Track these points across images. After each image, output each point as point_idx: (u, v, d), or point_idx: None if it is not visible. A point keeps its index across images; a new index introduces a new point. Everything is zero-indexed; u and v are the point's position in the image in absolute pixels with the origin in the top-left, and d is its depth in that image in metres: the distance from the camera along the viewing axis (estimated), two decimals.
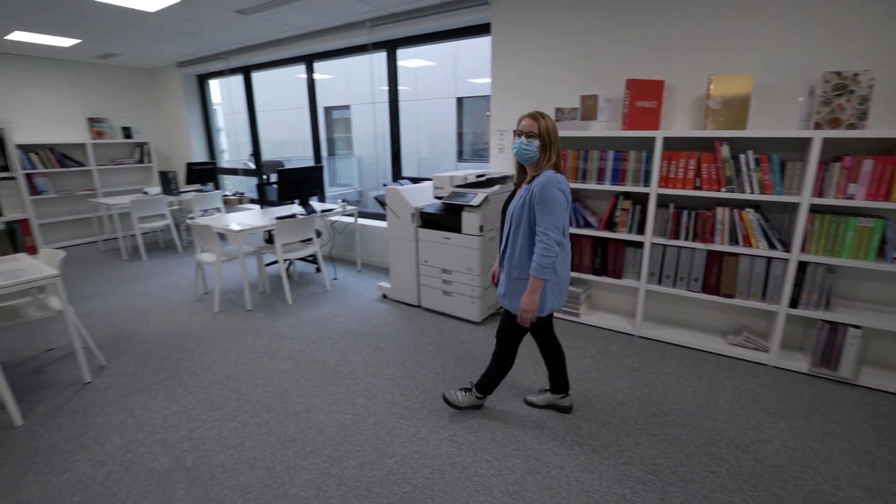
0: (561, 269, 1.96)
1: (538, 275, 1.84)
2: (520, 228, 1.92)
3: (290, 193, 4.13)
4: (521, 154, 1.91)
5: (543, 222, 1.82)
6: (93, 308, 3.85)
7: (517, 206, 1.93)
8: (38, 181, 5.71)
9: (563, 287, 2.01)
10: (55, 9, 3.73)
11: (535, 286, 1.86)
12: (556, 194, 1.80)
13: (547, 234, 1.81)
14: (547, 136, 1.86)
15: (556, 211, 1.80)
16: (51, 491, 1.87)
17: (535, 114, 1.89)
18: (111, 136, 6.38)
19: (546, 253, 1.81)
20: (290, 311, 3.71)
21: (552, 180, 1.81)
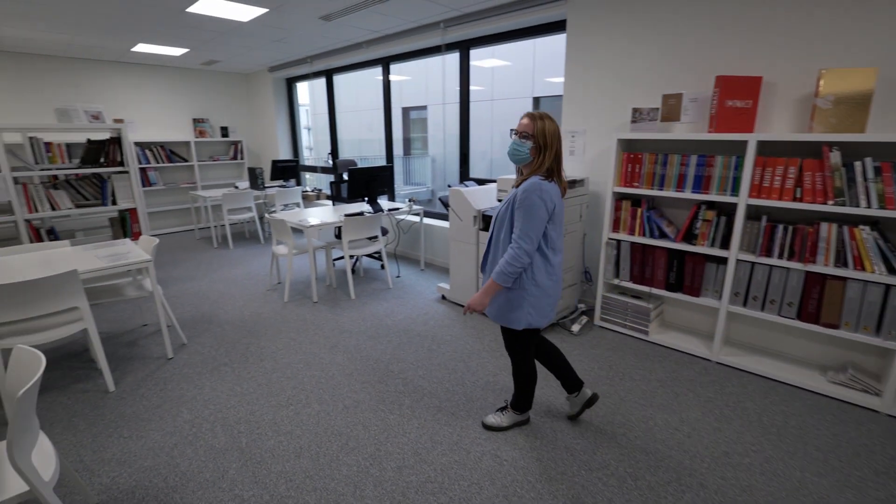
0: (544, 281, 1.85)
1: (497, 279, 1.79)
2: (501, 233, 1.86)
3: (360, 192, 4.27)
4: (512, 154, 1.85)
5: (517, 229, 1.76)
6: (182, 290, 4.27)
7: (501, 211, 1.87)
8: (151, 174, 6.48)
9: (546, 302, 1.89)
10: (170, 23, 4.19)
11: (489, 289, 1.83)
12: (534, 202, 1.71)
13: (517, 241, 1.75)
14: (542, 139, 1.77)
15: (531, 220, 1.72)
16: (127, 454, 2.08)
17: (535, 114, 1.80)
18: (211, 135, 7.06)
19: (511, 261, 1.75)
20: (352, 305, 3.84)
21: (534, 187, 1.73)
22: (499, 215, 1.89)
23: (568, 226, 3.33)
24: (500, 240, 1.87)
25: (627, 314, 3.23)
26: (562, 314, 3.46)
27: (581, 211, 3.45)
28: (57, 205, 3.70)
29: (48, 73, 5.66)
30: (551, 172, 1.79)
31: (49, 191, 3.65)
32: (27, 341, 2.38)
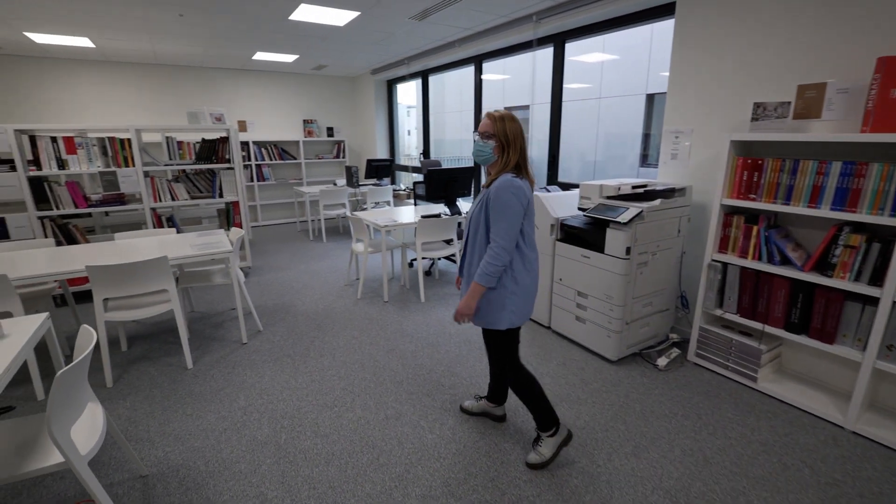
0: (524, 278, 1.84)
1: (480, 281, 1.77)
2: (477, 235, 1.84)
3: (438, 193, 4.19)
4: (476, 155, 1.87)
5: (494, 229, 1.74)
6: (272, 278, 4.60)
7: (475, 212, 1.86)
8: (265, 170, 7.18)
9: (526, 300, 1.87)
10: (278, 31, 4.53)
11: (475, 292, 1.80)
12: (508, 199, 1.71)
13: (496, 240, 1.73)
14: (504, 137, 1.77)
15: (507, 217, 1.72)
16: (184, 432, 2.22)
17: (494, 114, 1.81)
18: (318, 135, 7.61)
19: (492, 261, 1.73)
20: (420, 308, 3.77)
21: (506, 185, 1.72)
22: (472, 217, 1.87)
23: (661, 241, 2.85)
24: (476, 243, 1.85)
25: (731, 353, 2.66)
26: (646, 343, 2.99)
27: (679, 225, 2.94)
28: (176, 196, 4.21)
29: (185, 81, 6.55)
30: (519, 169, 1.79)
31: (171, 183, 4.18)
32: (125, 316, 2.70)
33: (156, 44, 5.03)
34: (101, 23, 4.12)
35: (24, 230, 3.62)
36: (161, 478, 1.94)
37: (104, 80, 6.05)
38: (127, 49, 5.27)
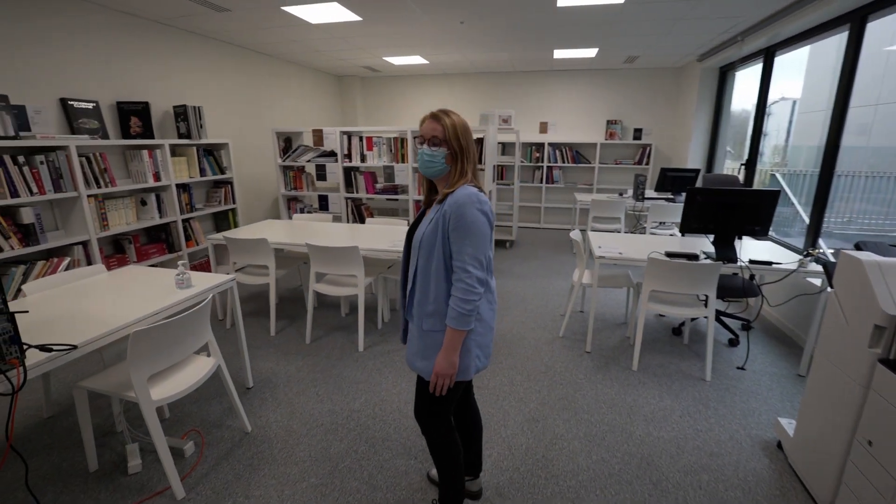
0: (487, 311, 1.46)
1: (458, 326, 1.34)
2: (431, 262, 1.39)
3: (701, 223, 2.85)
4: (424, 167, 1.43)
5: (461, 255, 1.34)
6: (500, 286, 4.41)
7: (426, 233, 1.40)
8: (555, 173, 6.99)
9: (490, 338, 1.51)
10: (551, 23, 4.14)
11: (454, 341, 1.36)
12: (475, 217, 1.32)
13: (465, 269, 1.33)
14: (456, 142, 1.39)
15: (476, 239, 1.33)
16: (306, 412, 2.40)
17: (437, 112, 1.44)
18: (620, 137, 6.73)
19: (467, 296, 1.33)
20: (626, 382, 2.72)
21: (471, 199, 1.33)
22: (423, 240, 1.41)
23: None
24: (429, 272, 1.41)
25: None
26: None
27: None
28: None
29: (497, 86, 7.05)
30: (474, 178, 1.42)
31: None
32: (325, 289, 3.15)
33: (466, 54, 5.59)
34: (417, 42, 4.89)
35: (336, 206, 4.85)
36: (255, 441, 2.15)
37: (434, 90, 7.32)
38: (448, 62, 6.13)
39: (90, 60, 3.48)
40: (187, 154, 4.15)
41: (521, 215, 7.37)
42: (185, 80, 4.36)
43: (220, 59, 4.80)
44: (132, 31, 3.79)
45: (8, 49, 2.97)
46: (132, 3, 3.49)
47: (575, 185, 7.02)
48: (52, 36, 3.21)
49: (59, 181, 3.07)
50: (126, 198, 3.62)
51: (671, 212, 4.95)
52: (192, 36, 4.41)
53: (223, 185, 4.63)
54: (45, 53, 3.18)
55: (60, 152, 3.06)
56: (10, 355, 1.45)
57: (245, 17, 3.89)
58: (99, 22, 3.52)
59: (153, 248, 3.86)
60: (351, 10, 3.71)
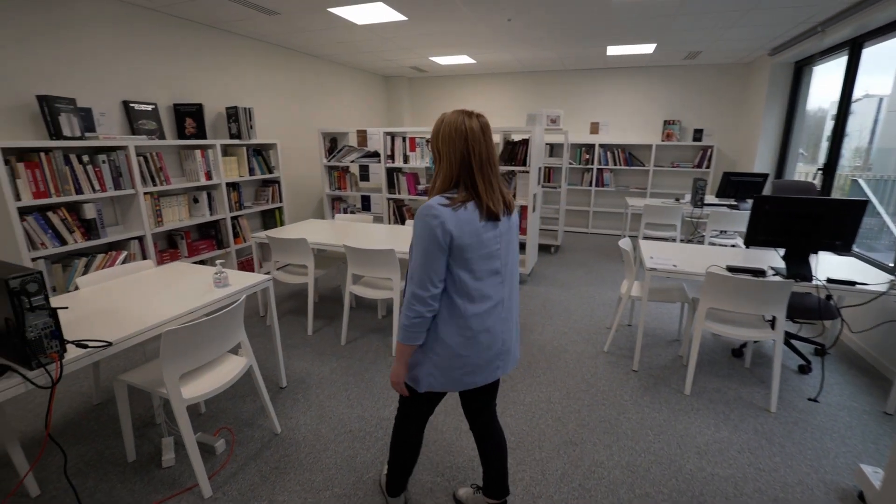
0: (452, 337, 1.36)
1: (400, 338, 1.36)
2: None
3: (769, 236, 2.55)
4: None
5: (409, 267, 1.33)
6: (541, 292, 4.22)
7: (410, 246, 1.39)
8: (606, 175, 6.66)
9: (458, 364, 1.38)
10: (608, 17, 3.90)
11: (400, 353, 1.39)
12: (419, 230, 1.29)
13: (408, 283, 1.33)
14: (436, 146, 1.35)
15: (418, 253, 1.29)
16: (342, 415, 2.37)
17: (444, 113, 1.37)
18: (679, 139, 6.30)
19: (406, 311, 1.33)
20: (676, 406, 2.48)
21: (423, 210, 1.28)
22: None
23: None
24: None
25: None
26: None
27: None
28: None
29: (547, 86, 6.80)
30: (467, 188, 1.31)
31: None
32: (366, 293, 3.12)
33: (515, 52, 5.43)
34: (464, 41, 4.80)
35: (378, 207, 4.85)
36: (284, 443, 2.14)
37: (481, 90, 7.17)
38: (495, 61, 5.98)
39: (150, 64, 3.66)
40: (237, 154, 4.29)
41: (568, 219, 7.10)
42: (236, 82, 4.51)
43: (270, 61, 4.93)
44: (189, 36, 3.96)
45: (77, 55, 3.16)
46: (190, 9, 3.64)
47: (627, 189, 6.65)
48: (116, 42, 3.40)
49: (118, 179, 3.24)
50: (179, 195, 3.78)
51: (734, 220, 4.56)
52: (244, 39, 4.55)
53: (271, 185, 4.76)
54: (110, 58, 3.37)
55: (121, 152, 3.23)
56: (50, 349, 1.49)
57: (294, 19, 3.95)
58: (159, 27, 3.70)
59: (203, 244, 4.01)
60: (396, 9, 3.67)
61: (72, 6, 3.10)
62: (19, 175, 2.70)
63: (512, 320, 1.50)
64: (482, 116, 1.36)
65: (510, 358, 1.50)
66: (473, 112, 1.35)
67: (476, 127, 1.32)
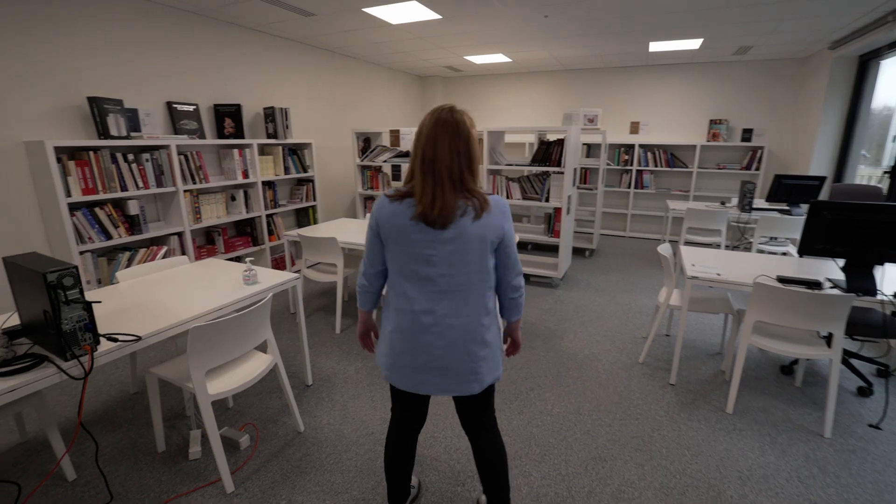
0: (386, 323, 1.42)
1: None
2: None
3: (827, 244, 2.34)
4: None
5: None
6: (573, 297, 4.08)
7: None
8: (646, 177, 6.39)
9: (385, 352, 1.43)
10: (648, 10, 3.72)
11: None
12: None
13: None
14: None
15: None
16: (367, 417, 2.36)
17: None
18: (725, 139, 5.95)
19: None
20: (714, 419, 2.33)
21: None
22: None
23: None
24: None
25: None
26: None
27: None
28: (511, 195, 4.41)
29: (585, 84, 6.58)
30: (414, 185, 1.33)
31: (510, 183, 4.40)
32: None
33: (552, 50, 5.29)
34: (499, 39, 4.71)
35: None
36: (306, 442, 2.14)
37: (517, 88, 7.03)
38: (532, 59, 5.84)
39: (193, 66, 3.79)
40: (273, 153, 4.39)
41: (605, 222, 6.86)
42: (274, 83, 4.61)
43: (307, 62, 5.02)
44: (230, 38, 4.08)
45: (125, 58, 3.31)
46: (231, 13, 3.74)
47: (668, 192, 6.36)
48: (162, 45, 3.54)
49: (160, 177, 3.37)
50: (217, 193, 3.90)
51: (785, 226, 4.25)
52: (282, 41, 4.64)
53: (305, 183, 4.84)
54: (155, 61, 3.51)
55: (163, 151, 3.36)
56: (84, 342, 1.54)
57: (330, 20, 3.99)
58: (203, 31, 3.82)
59: (239, 240, 4.12)
60: (430, 8, 3.64)
61: (122, 12, 3.25)
62: (70, 172, 2.85)
63: (456, 341, 1.35)
64: (455, 113, 1.30)
65: (450, 380, 1.37)
66: (445, 108, 1.32)
67: (426, 126, 1.31)
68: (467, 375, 1.38)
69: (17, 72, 2.77)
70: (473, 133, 1.33)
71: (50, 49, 2.89)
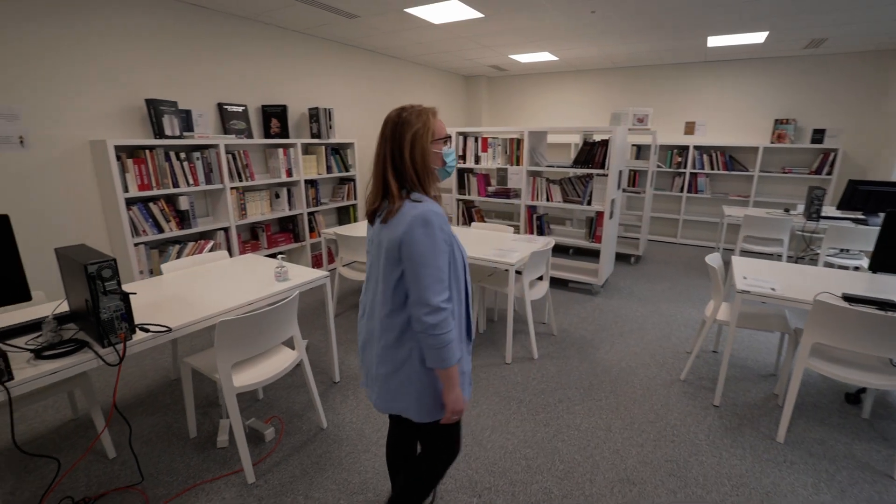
0: None
1: None
2: None
3: None
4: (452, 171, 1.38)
5: None
6: (614, 305, 3.89)
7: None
8: (700, 181, 5.99)
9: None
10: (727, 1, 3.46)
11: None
12: None
13: None
14: None
15: None
16: (369, 419, 2.36)
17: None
18: (793, 140, 5.46)
19: None
20: (761, 447, 2.13)
21: None
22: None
23: None
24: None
25: None
26: None
27: None
28: (551, 197, 4.27)
29: (638, 82, 6.27)
30: None
31: (550, 184, 4.27)
32: None
33: (601, 47, 5.07)
34: (544, 36, 4.58)
35: (448, 207, 4.81)
36: (328, 439, 2.17)
37: (563, 87, 6.81)
38: (580, 57, 5.63)
39: (243, 69, 3.96)
40: (317, 152, 4.51)
41: (653, 227, 6.52)
42: (319, 84, 4.73)
43: (351, 63, 5.11)
44: (276, 41, 4.23)
45: (180, 62, 3.51)
46: (278, 16, 3.88)
47: (725, 197, 5.93)
48: (215, 49, 3.72)
49: (210, 174, 3.55)
50: (262, 191, 4.06)
51: (859, 237, 3.85)
52: (327, 43, 4.76)
53: (347, 182, 4.95)
54: (209, 65, 3.70)
55: (212, 150, 3.53)
56: (120, 330, 1.63)
57: (372, 22, 4.04)
58: (251, 34, 3.98)
59: (282, 236, 4.27)
60: (472, 6, 3.59)
61: (177, 19, 3.44)
62: (128, 169, 3.06)
63: (372, 342, 1.34)
64: (404, 112, 1.26)
65: (370, 386, 1.38)
66: (403, 107, 1.29)
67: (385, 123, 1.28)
68: (376, 389, 1.35)
69: (85, 78, 3.00)
70: (418, 134, 1.23)
71: (114, 56, 3.12)
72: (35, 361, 1.52)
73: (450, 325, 1.18)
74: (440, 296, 1.17)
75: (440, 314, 1.16)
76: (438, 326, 1.16)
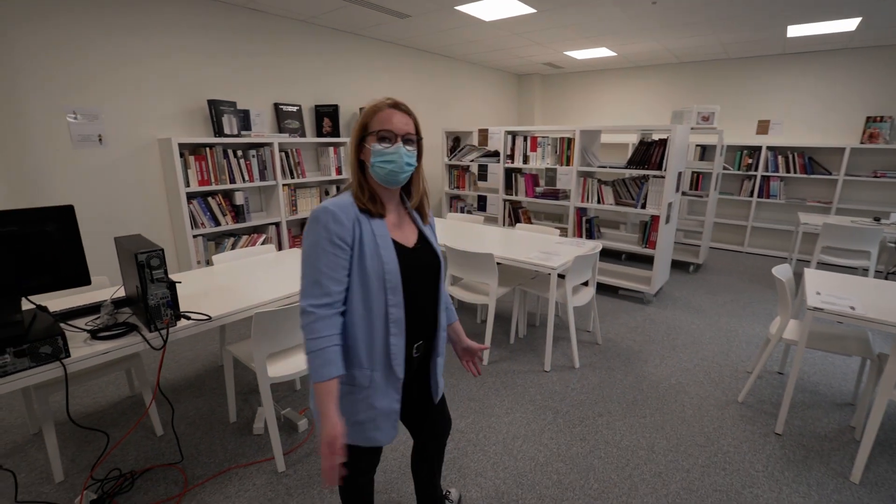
0: None
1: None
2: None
3: None
4: (402, 173, 1.17)
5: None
6: (673, 317, 3.64)
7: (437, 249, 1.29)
8: (773, 184, 5.47)
9: None
10: None
11: None
12: None
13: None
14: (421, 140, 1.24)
15: None
16: None
17: (400, 102, 1.24)
18: (887, 140, 4.85)
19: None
20: (848, 499, 1.89)
21: None
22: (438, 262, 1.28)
23: None
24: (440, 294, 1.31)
25: None
26: None
27: None
28: (603, 199, 4.08)
29: (705, 78, 5.83)
30: None
31: (601, 186, 4.07)
32: (463, 296, 3.05)
33: (663, 41, 4.77)
34: (600, 31, 4.37)
35: (494, 208, 4.73)
36: None
37: (621, 84, 6.49)
38: (641, 52, 5.33)
39: (297, 70, 4.11)
40: None
41: (717, 234, 6.04)
42: (370, 83, 4.82)
43: (402, 63, 5.16)
44: (330, 42, 4.35)
45: (240, 64, 3.70)
46: (332, 18, 3.98)
47: (802, 202, 5.38)
48: (272, 51, 3.89)
49: (264, 171, 3.71)
50: (313, 188, 4.20)
51: None
52: (377, 42, 4.82)
53: None
54: (266, 66, 3.87)
55: (267, 148, 3.69)
56: (165, 316, 1.73)
57: (424, 21, 4.05)
58: (306, 36, 4.13)
59: None
60: (524, 1, 3.49)
61: (236, 24, 3.63)
62: (190, 166, 3.26)
63: None
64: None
65: None
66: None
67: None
68: None
69: (154, 80, 3.24)
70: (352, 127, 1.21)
71: (180, 59, 3.34)
72: (91, 342, 1.64)
73: (318, 333, 1.06)
74: (308, 299, 1.08)
75: (305, 317, 1.07)
76: (304, 330, 1.08)
